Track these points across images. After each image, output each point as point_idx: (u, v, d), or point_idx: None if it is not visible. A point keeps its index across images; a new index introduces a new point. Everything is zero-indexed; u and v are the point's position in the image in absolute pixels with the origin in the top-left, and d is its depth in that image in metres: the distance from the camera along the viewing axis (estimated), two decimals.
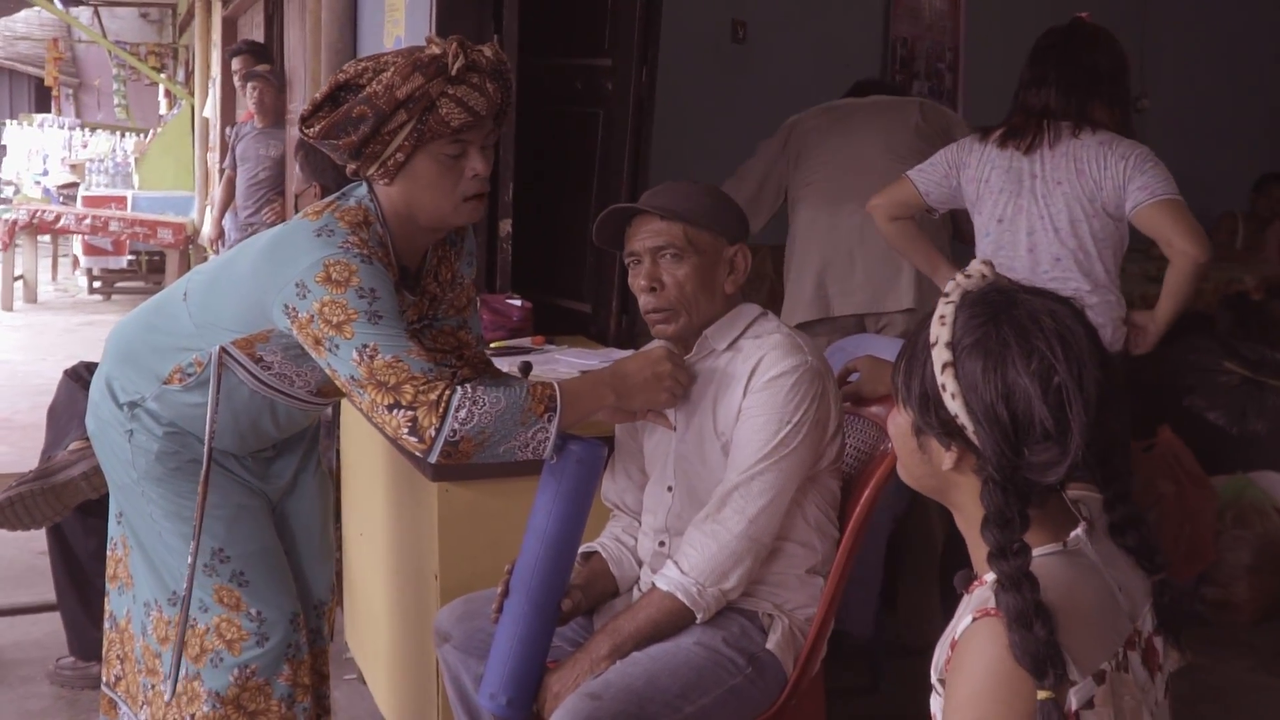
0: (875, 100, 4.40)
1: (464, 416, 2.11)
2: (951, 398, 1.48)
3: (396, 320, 2.20)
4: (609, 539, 2.56)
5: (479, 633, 2.39)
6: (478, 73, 2.25)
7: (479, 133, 2.28)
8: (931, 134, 4.14)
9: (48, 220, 10.87)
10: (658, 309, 2.38)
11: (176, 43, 16.84)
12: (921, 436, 1.56)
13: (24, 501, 3.28)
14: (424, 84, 2.18)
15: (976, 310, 1.51)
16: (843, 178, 4.11)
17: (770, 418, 2.28)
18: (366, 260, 2.20)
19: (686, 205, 2.36)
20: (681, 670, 2.21)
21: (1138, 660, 1.52)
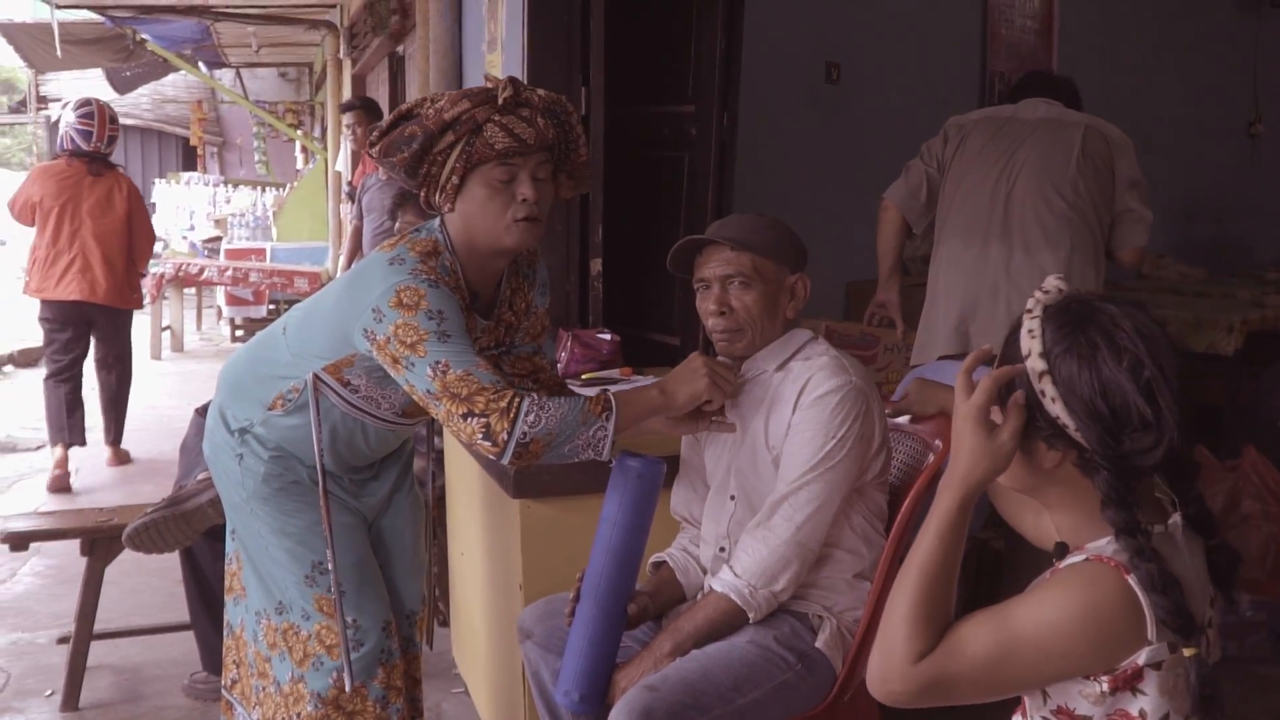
0: (1042, 119, 4.10)
1: (532, 420, 2.33)
2: (1052, 401, 1.65)
3: (464, 338, 2.42)
4: (676, 550, 2.76)
5: (558, 631, 2.61)
6: (528, 107, 2.49)
7: (528, 160, 2.49)
8: (1091, 168, 3.97)
9: (192, 273, 11.42)
10: (727, 330, 2.58)
11: (313, 99, 17.51)
12: (1032, 443, 1.70)
13: (156, 527, 3.57)
14: (470, 109, 2.44)
15: (1062, 320, 1.68)
16: (992, 212, 3.99)
17: (817, 433, 2.47)
18: (434, 285, 2.44)
19: (754, 237, 2.57)
20: (735, 665, 2.40)
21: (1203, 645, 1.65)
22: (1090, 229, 3.94)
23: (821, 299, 5.87)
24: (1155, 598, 1.55)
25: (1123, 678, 1.59)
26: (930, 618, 1.66)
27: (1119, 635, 1.58)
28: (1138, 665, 1.58)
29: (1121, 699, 1.60)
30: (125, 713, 3.83)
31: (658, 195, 4.49)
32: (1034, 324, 1.68)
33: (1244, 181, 7.66)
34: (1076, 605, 1.59)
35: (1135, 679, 1.59)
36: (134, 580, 4.86)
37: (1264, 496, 4.22)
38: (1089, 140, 3.98)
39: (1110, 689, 1.60)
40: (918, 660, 1.65)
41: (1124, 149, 4.02)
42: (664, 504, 2.73)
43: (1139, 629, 1.57)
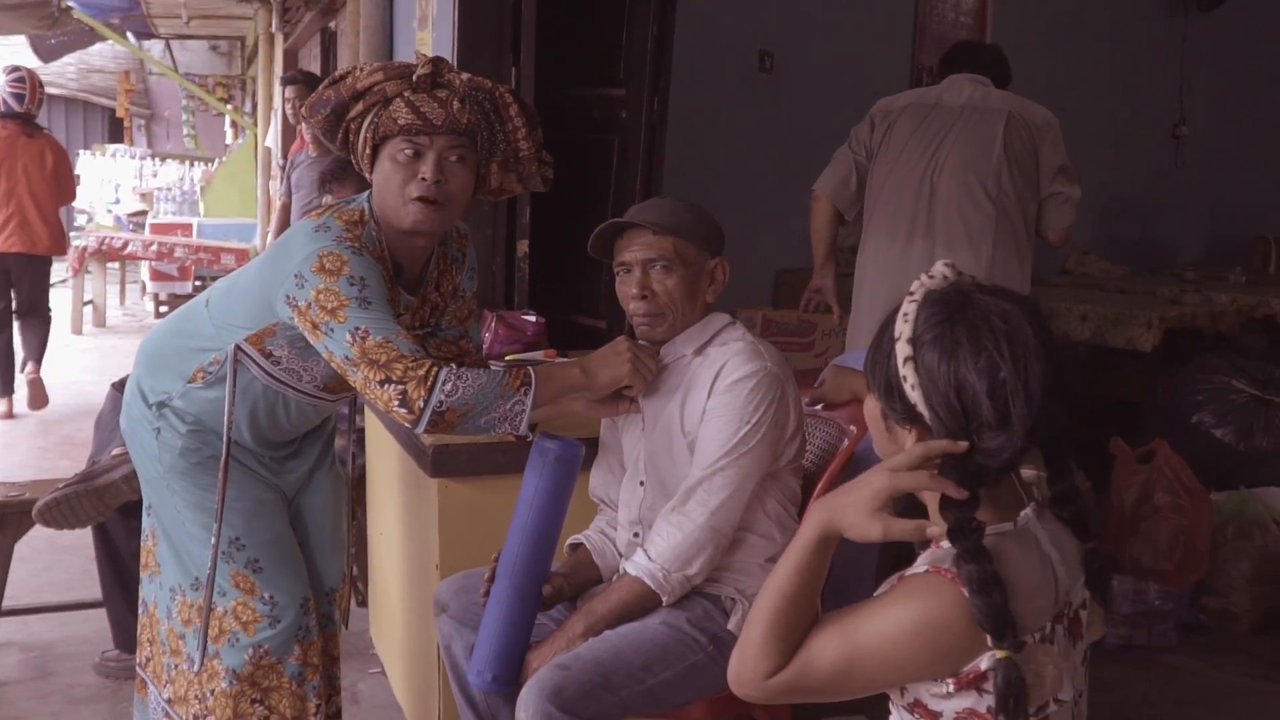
0: (966, 105, 4.07)
1: (449, 390, 2.32)
2: (911, 388, 1.65)
3: (385, 306, 2.42)
4: (594, 531, 2.77)
5: (473, 606, 2.61)
6: (447, 89, 2.49)
7: (435, 140, 2.47)
8: (1014, 159, 3.99)
9: (116, 247, 11.26)
10: (648, 314, 2.58)
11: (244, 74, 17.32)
12: (887, 421, 1.73)
13: (68, 502, 3.52)
14: (382, 81, 2.45)
15: (936, 309, 1.68)
16: (916, 208, 4.01)
17: (731, 418, 2.48)
18: (357, 252, 2.43)
19: (675, 221, 2.57)
20: (646, 646, 2.41)
21: (1062, 631, 1.69)
22: (1013, 223, 3.97)
23: (752, 287, 5.94)
24: (974, 599, 1.56)
25: (966, 680, 1.61)
26: (783, 639, 1.66)
27: (957, 646, 1.59)
28: (979, 669, 1.60)
29: (967, 697, 1.62)
30: (35, 690, 3.77)
31: (586, 178, 4.48)
32: (910, 308, 1.68)
33: (1167, 182, 7.80)
34: (914, 620, 1.60)
35: (979, 680, 1.60)
36: (46, 557, 4.79)
37: (1175, 490, 4.30)
38: (1011, 130, 3.98)
39: (955, 689, 1.62)
40: (769, 677, 1.67)
41: (1047, 132, 4.02)
42: (583, 485, 2.73)
43: (978, 638, 1.58)
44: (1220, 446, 5.04)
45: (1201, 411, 5.15)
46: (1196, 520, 4.27)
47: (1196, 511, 4.28)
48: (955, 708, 1.63)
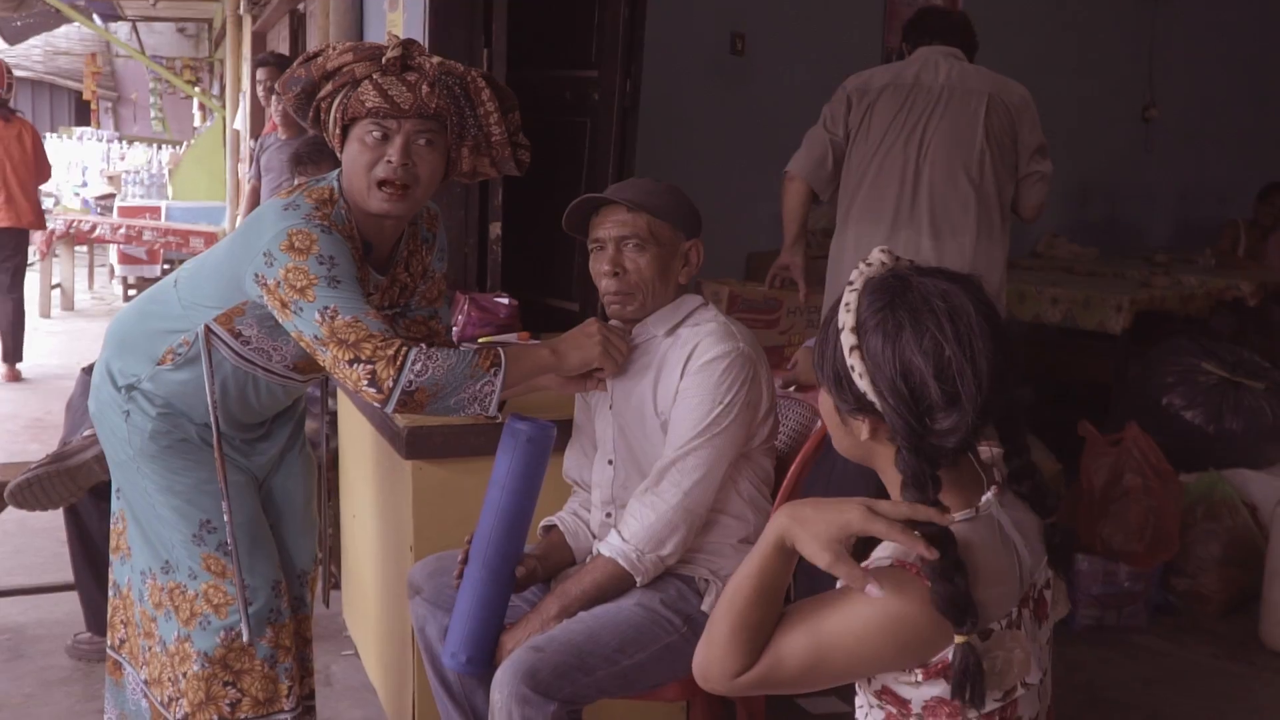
0: (945, 85, 4.00)
1: (419, 370, 2.33)
2: (859, 377, 1.64)
3: (354, 286, 2.41)
4: (567, 513, 2.77)
5: (446, 588, 2.61)
6: (416, 73, 2.47)
7: (404, 124, 2.46)
8: (995, 144, 3.96)
9: (84, 230, 11.19)
10: (619, 291, 2.57)
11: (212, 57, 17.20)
12: (840, 414, 1.73)
13: (40, 483, 3.50)
14: (351, 63, 2.45)
15: (876, 295, 1.67)
16: (900, 196, 3.96)
17: (704, 399, 2.48)
18: (326, 230, 2.42)
19: (651, 200, 2.57)
20: (621, 627, 2.42)
21: (1028, 614, 1.69)
22: (993, 208, 3.96)
23: (722, 269, 5.93)
24: (936, 586, 1.56)
25: (934, 670, 1.61)
26: (749, 639, 1.65)
27: (925, 639, 1.59)
28: (947, 660, 1.60)
29: (935, 686, 1.62)
30: (7, 672, 3.75)
31: (559, 160, 4.47)
32: (851, 297, 1.68)
33: (1137, 165, 7.83)
34: (881, 615, 1.58)
35: (947, 670, 1.60)
36: (17, 540, 4.77)
37: (1144, 471, 4.33)
38: (992, 114, 3.96)
39: (924, 679, 1.62)
40: (736, 676, 1.66)
41: (1025, 112, 4.01)
42: (556, 467, 2.73)
43: (944, 629, 1.58)
44: (1190, 428, 5.07)
45: (1171, 394, 5.18)
46: (1166, 502, 4.30)
47: (1166, 493, 4.31)
48: (924, 696, 1.64)
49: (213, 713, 2.69)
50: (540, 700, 2.25)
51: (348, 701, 3.61)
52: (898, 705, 1.67)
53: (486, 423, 2.68)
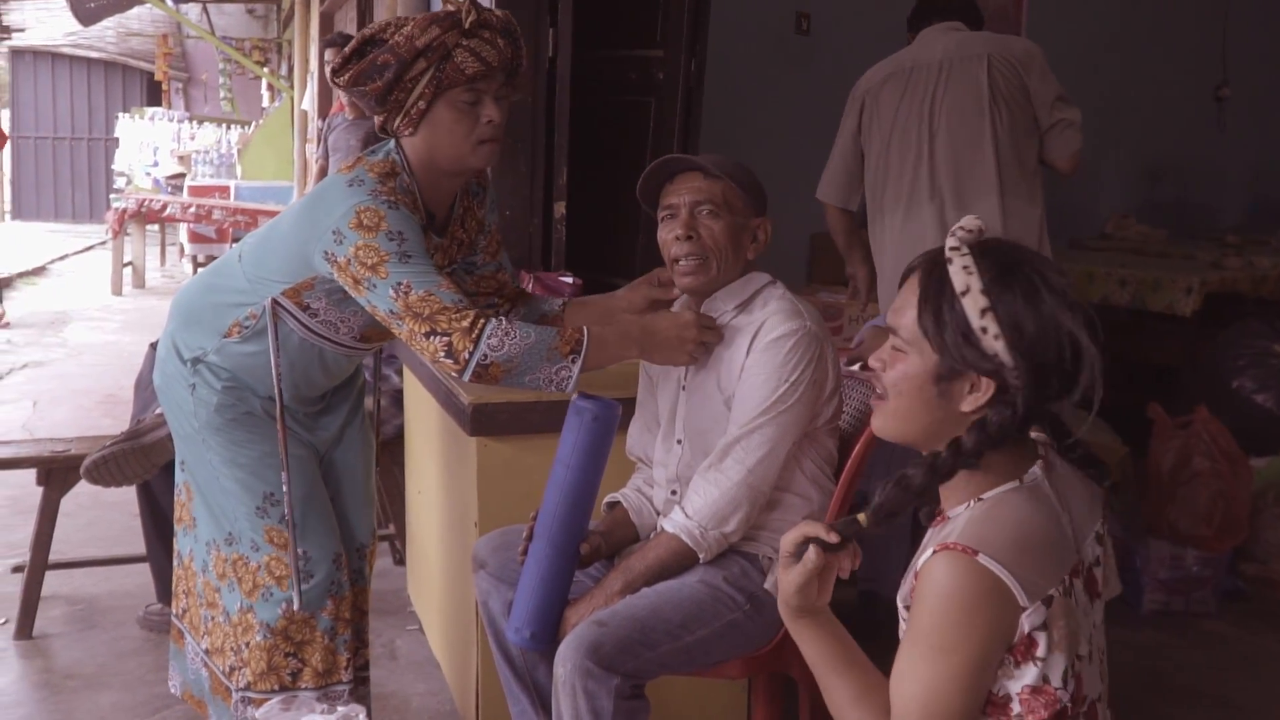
0: (943, 59, 3.95)
1: (495, 344, 2.37)
2: (994, 338, 1.63)
3: (425, 259, 2.45)
4: (630, 490, 2.78)
5: (511, 563, 2.63)
6: (489, 29, 2.51)
7: (492, 83, 2.53)
8: (1004, 102, 3.86)
9: (155, 209, 11.35)
10: (690, 255, 2.55)
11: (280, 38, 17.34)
12: (944, 382, 1.69)
13: (115, 460, 3.57)
14: (440, 35, 2.45)
15: (994, 259, 1.67)
16: (917, 178, 3.93)
17: (769, 376, 2.48)
18: (394, 206, 2.46)
19: (727, 168, 2.57)
20: (684, 603, 2.42)
21: (1080, 587, 1.69)
22: (1014, 167, 3.87)
23: (787, 251, 5.93)
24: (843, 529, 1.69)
25: (1021, 650, 1.61)
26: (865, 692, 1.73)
27: (994, 616, 1.58)
28: (1025, 633, 1.60)
29: (1026, 672, 1.62)
30: (81, 642, 3.83)
31: (623, 139, 4.49)
32: (966, 260, 1.66)
33: (1209, 145, 7.71)
34: (945, 613, 1.59)
35: (1031, 646, 1.60)
36: (91, 513, 4.86)
37: (1213, 455, 4.28)
38: (994, 71, 3.86)
39: (1015, 662, 1.62)
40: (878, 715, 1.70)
41: (1031, 64, 3.89)
42: (621, 444, 2.75)
43: (1009, 601, 1.58)
44: (1261, 412, 5.00)
45: (1242, 377, 5.12)
46: (1235, 486, 4.25)
47: (1235, 477, 4.26)
48: (1017, 687, 1.63)
49: (274, 682, 2.74)
50: (603, 674, 2.27)
51: (412, 675, 3.65)
52: (999, 712, 1.66)
53: (553, 398, 2.70)
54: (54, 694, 3.50)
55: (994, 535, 1.61)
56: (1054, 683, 1.62)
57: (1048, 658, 1.61)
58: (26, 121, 20.39)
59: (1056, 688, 1.62)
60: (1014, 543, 1.61)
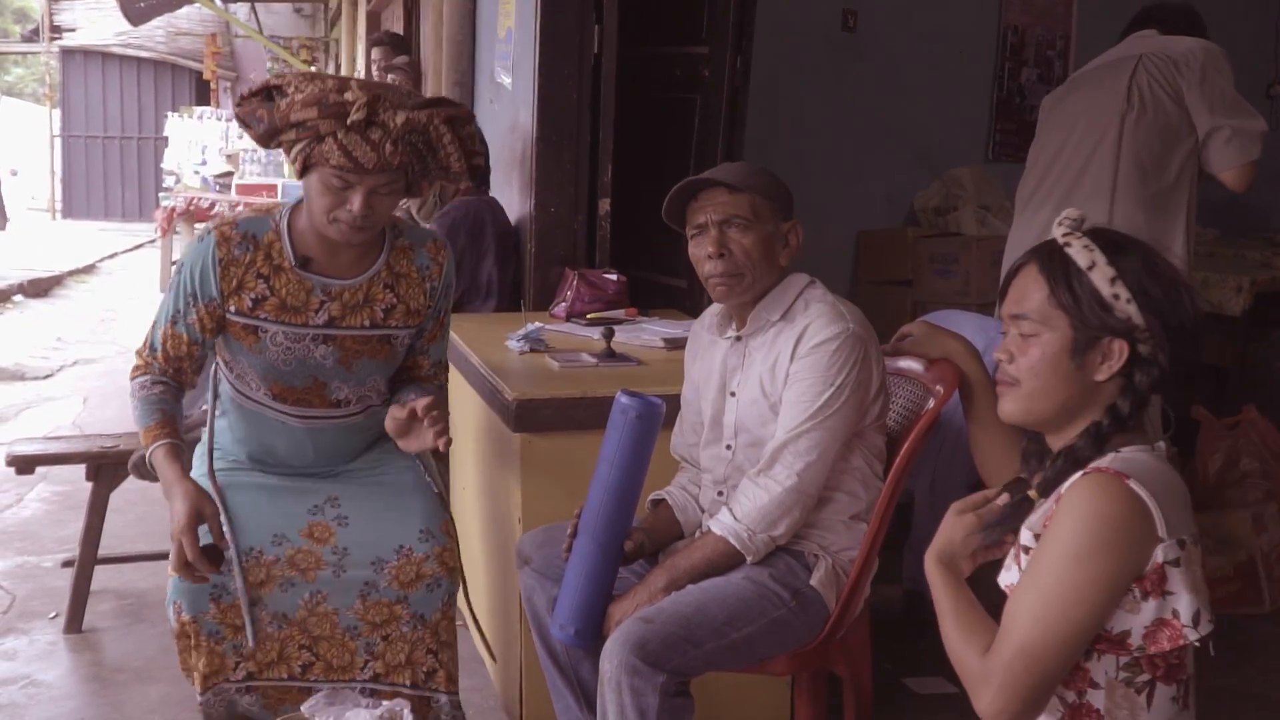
0: (1101, 64, 3.81)
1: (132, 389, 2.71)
2: (1126, 303, 1.78)
3: (179, 299, 2.65)
4: (676, 488, 2.78)
5: (555, 559, 2.63)
6: (381, 130, 2.48)
7: (364, 179, 2.50)
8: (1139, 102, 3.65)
9: (203, 207, 11.44)
10: (725, 273, 2.55)
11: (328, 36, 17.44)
12: (1079, 354, 1.82)
13: None
14: (316, 119, 2.46)
15: (1108, 240, 1.84)
16: (1044, 178, 3.85)
17: (815, 381, 2.47)
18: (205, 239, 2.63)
19: (751, 180, 2.56)
20: (730, 600, 2.42)
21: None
22: (1140, 169, 3.64)
23: (834, 249, 5.92)
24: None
25: (1151, 581, 1.67)
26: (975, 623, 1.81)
27: (1134, 538, 1.66)
28: (1159, 564, 1.66)
29: (1155, 606, 1.68)
30: (129, 636, 3.87)
31: (668, 136, 4.49)
32: (1085, 240, 1.82)
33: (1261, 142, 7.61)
34: (1087, 522, 1.67)
35: (1161, 580, 1.67)
36: (139, 509, 4.90)
37: (1262, 455, 4.24)
38: (1141, 73, 3.64)
39: (1141, 595, 1.67)
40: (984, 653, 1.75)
41: (1190, 63, 3.61)
42: (666, 441, 2.75)
43: (1149, 528, 1.66)
44: None
45: None
46: None
47: None
48: (1145, 621, 1.69)
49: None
50: (649, 671, 2.27)
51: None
52: (1116, 648, 1.72)
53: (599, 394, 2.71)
54: (103, 687, 3.53)
55: (1143, 470, 1.71)
56: (1183, 619, 1.68)
57: (1177, 593, 1.67)
58: (77, 120, 20.57)
59: (1184, 624, 1.68)
60: (1159, 481, 1.71)
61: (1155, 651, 1.70)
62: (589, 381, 3.10)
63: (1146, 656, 1.70)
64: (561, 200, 4.05)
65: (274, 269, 2.63)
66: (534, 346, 3.42)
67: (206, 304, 2.62)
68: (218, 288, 2.61)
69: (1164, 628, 1.68)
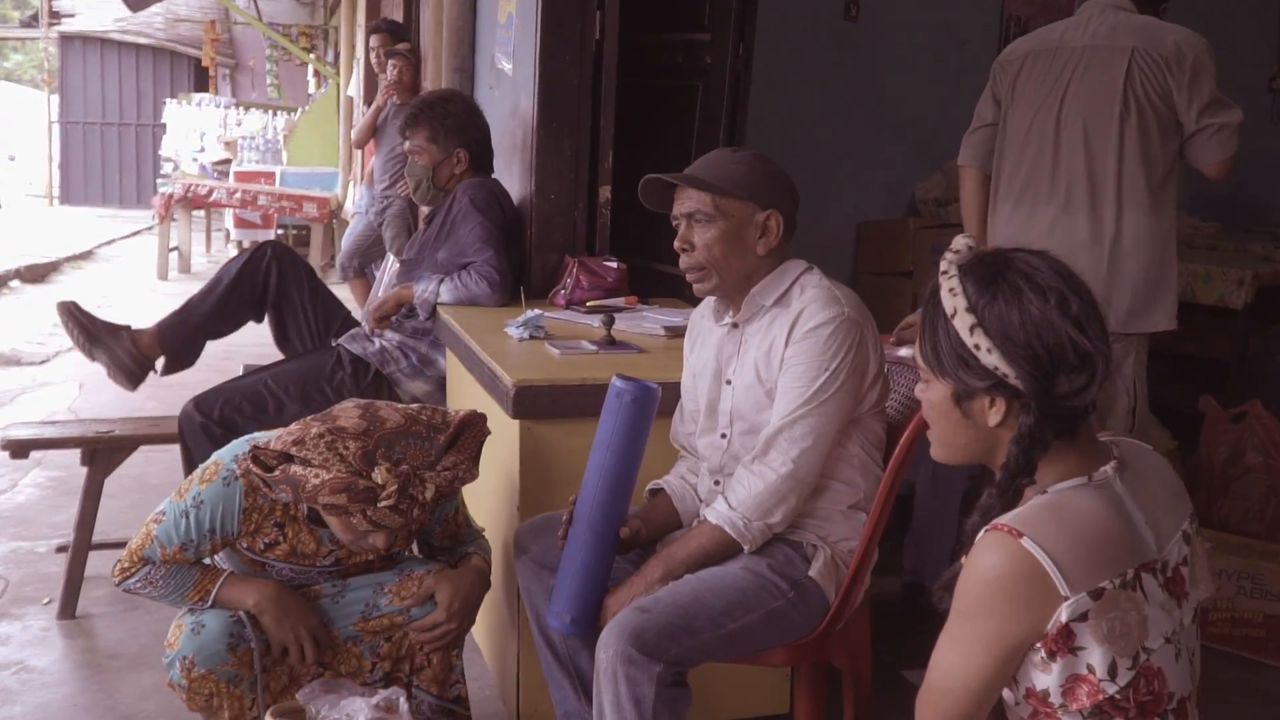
0: (1088, 46, 3.63)
1: (138, 584, 2.64)
2: (987, 353, 1.65)
3: (193, 529, 2.58)
4: (674, 477, 2.76)
5: (552, 548, 2.61)
6: (411, 501, 2.46)
7: (387, 530, 2.51)
8: (1135, 104, 3.54)
9: (201, 194, 11.41)
10: (689, 268, 2.57)
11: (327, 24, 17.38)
12: (963, 403, 1.72)
13: None
14: (346, 504, 2.42)
15: (979, 273, 1.70)
16: (1038, 171, 3.70)
17: (810, 366, 2.45)
18: (228, 482, 2.59)
19: (719, 174, 2.53)
20: (727, 590, 2.40)
21: (1156, 584, 1.66)
22: (1141, 176, 3.57)
23: (834, 240, 5.89)
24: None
25: (1055, 640, 1.60)
26: None
27: (1021, 598, 1.59)
28: (1061, 623, 1.58)
29: (1066, 663, 1.61)
30: (122, 622, 3.84)
31: (669, 123, 4.46)
32: (952, 283, 1.69)
33: (1262, 136, 7.57)
34: (972, 581, 1.62)
35: (1067, 638, 1.59)
36: (134, 494, 4.88)
37: (1268, 450, 4.22)
38: (1135, 69, 3.54)
39: (1047, 654, 1.61)
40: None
41: (1180, 64, 3.52)
42: (664, 429, 2.72)
43: (1045, 588, 1.58)
44: None
45: None
46: None
47: None
48: (1057, 680, 1.62)
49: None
50: (646, 661, 2.24)
51: None
52: (1039, 702, 1.66)
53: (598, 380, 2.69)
54: (97, 673, 3.51)
55: (1047, 522, 1.62)
56: (1098, 673, 1.60)
57: (1088, 648, 1.60)
58: (75, 106, 20.53)
59: (1100, 678, 1.60)
60: (1068, 531, 1.61)
61: (1076, 708, 1.62)
62: (589, 368, 3.07)
63: (1109, 699, 1.62)
64: (561, 187, 4.02)
65: (290, 519, 2.64)
66: (534, 334, 3.39)
67: (223, 538, 2.62)
68: (238, 529, 2.61)
69: (1080, 683, 1.61)
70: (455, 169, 4.09)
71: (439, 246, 4.01)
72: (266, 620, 2.63)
